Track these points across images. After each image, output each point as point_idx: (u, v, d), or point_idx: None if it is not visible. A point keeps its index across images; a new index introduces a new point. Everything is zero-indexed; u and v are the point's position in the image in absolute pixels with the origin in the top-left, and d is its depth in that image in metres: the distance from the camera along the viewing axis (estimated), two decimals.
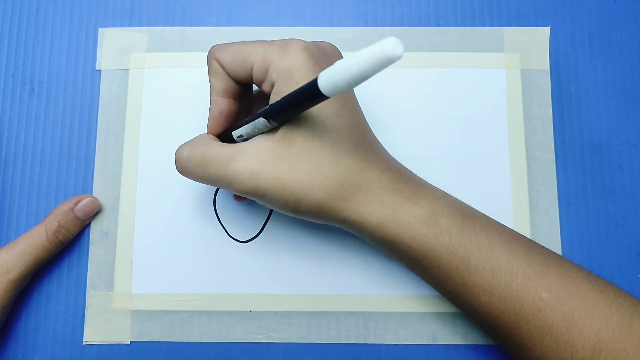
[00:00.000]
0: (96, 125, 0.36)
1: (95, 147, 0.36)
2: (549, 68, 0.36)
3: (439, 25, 0.37)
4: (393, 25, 0.37)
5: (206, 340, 0.34)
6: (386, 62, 0.19)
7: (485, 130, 0.36)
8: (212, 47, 0.30)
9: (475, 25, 0.37)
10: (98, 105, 0.36)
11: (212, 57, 0.29)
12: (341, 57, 0.30)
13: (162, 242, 0.35)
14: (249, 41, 0.29)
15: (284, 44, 0.27)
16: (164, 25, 0.37)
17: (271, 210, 0.35)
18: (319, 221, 0.28)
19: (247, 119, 0.28)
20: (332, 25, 0.37)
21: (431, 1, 0.38)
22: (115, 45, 0.37)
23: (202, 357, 0.33)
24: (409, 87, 0.36)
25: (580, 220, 0.35)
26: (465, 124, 0.36)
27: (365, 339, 0.33)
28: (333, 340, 0.33)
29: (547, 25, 0.37)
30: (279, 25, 0.37)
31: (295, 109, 0.25)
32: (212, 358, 0.33)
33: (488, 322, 0.28)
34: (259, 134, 0.28)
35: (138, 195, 0.35)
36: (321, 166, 0.26)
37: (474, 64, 0.36)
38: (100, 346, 0.34)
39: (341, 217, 0.27)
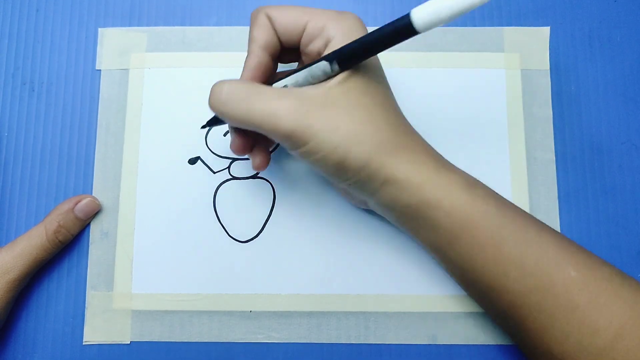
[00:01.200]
0: (96, 125, 0.36)
1: (95, 147, 0.36)
2: (549, 68, 0.36)
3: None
4: None
5: (206, 340, 0.34)
6: (478, 3, 0.21)
7: (485, 130, 0.36)
8: (260, 6, 0.29)
9: (475, 25, 0.37)
10: (98, 105, 0.36)
11: (260, 12, 0.29)
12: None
13: (162, 242, 0.35)
14: (296, 6, 0.29)
15: (340, 11, 0.28)
16: (164, 25, 0.37)
17: (271, 211, 0.35)
18: (351, 184, 0.28)
19: (292, 70, 0.28)
20: None
21: None
22: (115, 45, 0.37)
23: (202, 357, 0.33)
24: (409, 87, 0.36)
25: (580, 220, 0.35)
26: (465, 124, 0.36)
27: (366, 339, 0.33)
28: (333, 340, 0.33)
29: (547, 25, 0.37)
30: None
31: (373, 49, 0.25)
32: (212, 358, 0.33)
33: (512, 302, 0.27)
34: (310, 84, 0.27)
35: (138, 195, 0.35)
36: (375, 117, 0.26)
37: (474, 64, 0.36)
38: (100, 346, 0.34)
39: (384, 175, 0.26)
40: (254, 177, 0.36)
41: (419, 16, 0.22)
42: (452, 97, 0.36)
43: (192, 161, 0.36)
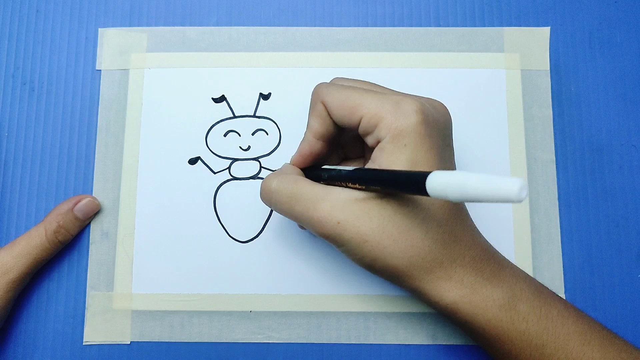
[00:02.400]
0: (96, 125, 0.36)
1: (95, 147, 0.36)
2: (549, 68, 0.36)
3: (439, 25, 0.37)
4: (393, 25, 0.37)
5: (206, 340, 0.34)
6: (505, 201, 0.18)
7: (485, 131, 0.36)
8: (319, 86, 0.29)
9: (475, 25, 0.37)
10: (98, 105, 0.36)
11: (318, 99, 0.29)
12: (449, 117, 0.29)
13: (162, 242, 0.35)
14: (361, 89, 0.28)
15: (399, 101, 0.26)
16: (164, 25, 0.37)
17: (271, 211, 0.35)
18: (390, 281, 0.28)
19: (341, 166, 0.28)
20: (332, 25, 0.37)
21: (431, 1, 0.38)
22: (116, 45, 0.37)
23: (202, 357, 0.33)
24: (409, 87, 0.36)
25: (580, 220, 0.35)
26: (466, 124, 0.36)
27: (366, 339, 0.33)
28: (333, 340, 0.33)
29: (547, 25, 0.37)
30: (279, 25, 0.37)
31: (390, 187, 0.24)
32: (212, 358, 0.33)
33: None
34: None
35: (138, 195, 0.35)
36: (408, 234, 0.25)
37: (474, 64, 0.36)
38: (100, 346, 0.34)
39: (415, 286, 0.27)
40: (254, 177, 0.36)
41: (435, 182, 0.20)
42: (452, 97, 0.36)
43: (193, 161, 0.36)
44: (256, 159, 0.36)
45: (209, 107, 0.36)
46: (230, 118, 0.36)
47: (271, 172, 0.35)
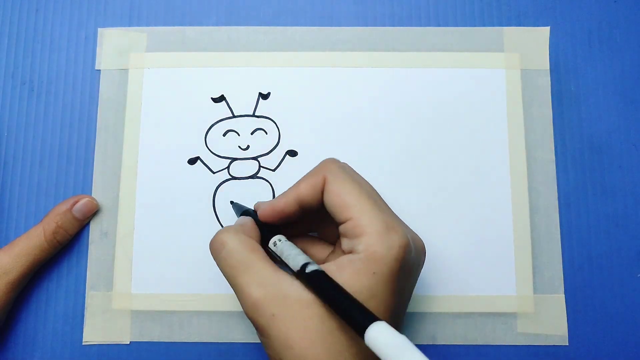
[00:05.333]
0: (96, 125, 0.36)
1: (94, 147, 0.36)
2: (549, 68, 0.36)
3: (439, 25, 0.37)
4: (393, 25, 0.37)
5: (206, 341, 0.33)
6: None
7: (485, 130, 0.36)
8: (331, 161, 0.28)
9: (475, 25, 0.37)
10: (98, 105, 0.36)
11: (322, 171, 0.27)
12: (423, 260, 0.28)
13: (162, 242, 0.34)
14: (365, 191, 0.26)
15: (391, 226, 0.25)
16: (164, 25, 0.37)
17: None
18: None
19: (299, 250, 0.27)
20: (332, 25, 0.37)
21: (431, 1, 0.38)
22: (115, 45, 0.37)
23: (202, 357, 0.33)
24: (409, 87, 0.36)
25: (580, 220, 0.35)
26: (466, 124, 0.36)
27: None
28: None
29: (547, 25, 0.37)
30: (278, 25, 0.37)
31: (334, 308, 0.24)
32: (212, 358, 0.33)
33: None
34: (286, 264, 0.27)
35: (138, 195, 0.35)
36: (330, 337, 0.24)
37: (474, 64, 0.36)
38: (99, 346, 0.34)
39: None
40: (254, 177, 0.36)
41: (372, 335, 0.21)
42: (452, 97, 0.36)
43: (192, 161, 0.36)
44: (255, 158, 0.36)
45: (208, 106, 0.36)
46: (229, 118, 0.36)
47: (268, 170, 0.36)
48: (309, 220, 0.30)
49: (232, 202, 0.35)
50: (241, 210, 0.32)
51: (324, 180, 0.27)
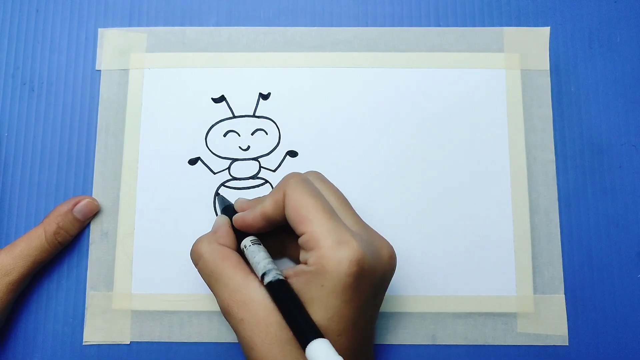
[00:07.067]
0: (96, 126, 0.36)
1: (95, 147, 0.36)
2: (549, 68, 0.36)
3: (439, 25, 0.37)
4: (393, 25, 0.37)
5: (206, 341, 0.34)
6: None
7: (485, 131, 0.36)
8: (291, 177, 0.29)
9: (475, 25, 0.37)
10: (98, 106, 0.36)
11: (283, 187, 0.28)
12: (390, 268, 0.28)
13: (162, 242, 0.35)
14: (322, 204, 0.27)
15: (342, 242, 0.26)
16: (164, 25, 0.37)
17: None
18: None
19: (263, 255, 0.28)
20: (332, 25, 0.37)
21: (431, 1, 0.38)
22: (115, 46, 0.37)
23: (202, 357, 0.33)
24: (409, 88, 0.36)
25: (580, 220, 0.35)
26: (466, 124, 0.36)
27: None
28: None
29: (547, 25, 0.37)
30: (278, 25, 0.37)
31: (286, 319, 0.26)
32: (212, 358, 0.33)
33: None
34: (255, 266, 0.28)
35: (138, 195, 0.35)
36: (275, 338, 0.26)
37: (474, 64, 0.36)
38: (100, 346, 0.34)
39: None
40: (254, 177, 0.36)
41: (313, 350, 0.23)
42: (452, 97, 0.36)
43: (192, 162, 0.36)
44: (256, 158, 0.36)
45: (209, 107, 0.36)
46: (229, 118, 0.36)
47: (268, 170, 0.36)
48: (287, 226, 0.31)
49: (217, 194, 0.35)
50: (224, 205, 0.33)
51: (284, 195, 0.28)
